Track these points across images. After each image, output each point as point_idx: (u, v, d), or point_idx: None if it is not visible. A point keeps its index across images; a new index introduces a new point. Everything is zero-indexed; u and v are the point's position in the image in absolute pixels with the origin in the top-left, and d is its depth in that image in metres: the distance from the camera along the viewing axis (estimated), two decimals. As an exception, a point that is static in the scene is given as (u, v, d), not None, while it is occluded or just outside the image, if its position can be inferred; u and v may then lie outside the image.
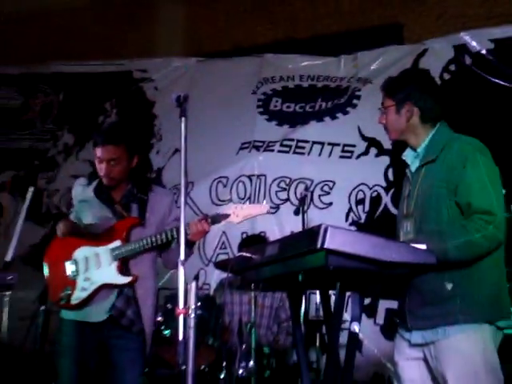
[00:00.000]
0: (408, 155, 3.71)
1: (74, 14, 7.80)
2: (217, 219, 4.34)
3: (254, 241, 5.67)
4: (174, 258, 4.22)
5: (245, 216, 4.35)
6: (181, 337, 3.66)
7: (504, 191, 3.82)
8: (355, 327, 3.20)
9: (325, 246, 2.78)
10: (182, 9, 7.61)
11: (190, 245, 4.35)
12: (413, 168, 3.66)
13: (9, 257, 4.50)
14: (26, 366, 4.92)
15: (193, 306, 3.49)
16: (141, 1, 7.70)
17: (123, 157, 4.40)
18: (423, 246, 3.10)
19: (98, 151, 4.38)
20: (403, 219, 3.62)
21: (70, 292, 4.40)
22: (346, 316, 3.77)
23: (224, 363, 5.09)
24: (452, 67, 6.02)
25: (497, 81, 5.80)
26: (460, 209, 3.39)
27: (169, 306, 5.02)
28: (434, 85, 3.82)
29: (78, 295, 4.41)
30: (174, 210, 4.61)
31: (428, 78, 3.84)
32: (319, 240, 2.81)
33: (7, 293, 4.55)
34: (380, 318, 5.70)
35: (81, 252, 4.44)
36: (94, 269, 4.44)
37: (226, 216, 4.27)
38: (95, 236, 4.44)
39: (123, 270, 4.45)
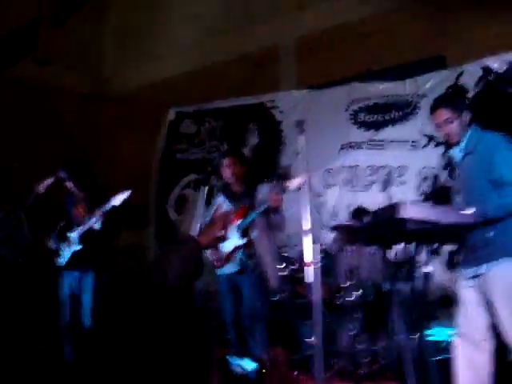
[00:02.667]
0: (454, 151, 3.69)
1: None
2: (282, 189, 4.59)
3: (359, 211, 5.69)
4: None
5: (296, 184, 4.46)
6: (309, 279, 3.79)
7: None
8: (426, 268, 3.24)
9: (403, 216, 2.84)
10: (296, 58, 7.63)
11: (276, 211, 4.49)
12: (457, 159, 3.64)
13: (194, 233, 4.67)
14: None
15: (316, 260, 3.61)
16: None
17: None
18: (470, 211, 3.11)
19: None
20: (457, 192, 3.62)
21: None
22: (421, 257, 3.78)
23: (339, 294, 5.16)
24: (481, 82, 5.90)
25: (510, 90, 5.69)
26: (494, 184, 3.37)
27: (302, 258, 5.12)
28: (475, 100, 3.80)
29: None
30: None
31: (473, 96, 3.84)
32: (398, 212, 2.87)
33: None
34: (444, 256, 5.65)
35: None
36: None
37: (286, 186, 4.54)
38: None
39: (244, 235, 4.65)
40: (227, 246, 4.76)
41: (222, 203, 4.91)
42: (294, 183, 4.46)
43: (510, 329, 3.30)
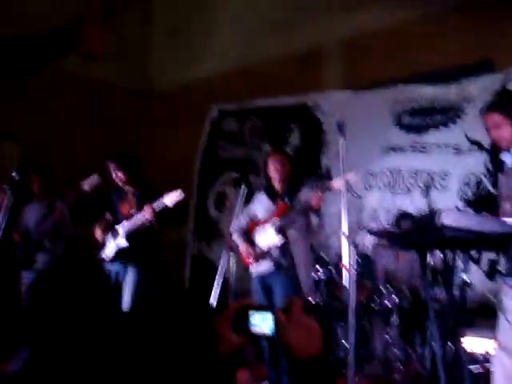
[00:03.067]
0: (506, 155, 3.61)
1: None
2: (324, 189, 4.52)
3: (402, 216, 5.64)
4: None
5: (339, 184, 4.41)
6: (345, 282, 3.77)
7: None
8: (464, 277, 3.18)
9: (442, 223, 2.80)
10: (340, 59, 7.59)
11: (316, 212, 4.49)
12: (509, 164, 3.57)
13: (233, 229, 4.71)
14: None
15: (354, 264, 3.59)
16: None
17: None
18: (512, 220, 3.05)
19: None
20: (502, 201, 3.55)
21: None
22: (460, 265, 3.72)
23: (375, 297, 5.12)
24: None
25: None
26: None
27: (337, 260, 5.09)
28: None
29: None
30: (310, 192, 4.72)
31: None
32: (438, 219, 2.83)
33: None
34: (484, 265, 5.54)
35: None
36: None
37: (329, 186, 4.49)
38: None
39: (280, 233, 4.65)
40: (262, 244, 4.75)
41: (263, 201, 4.90)
42: (338, 183, 4.41)
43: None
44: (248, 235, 4.83)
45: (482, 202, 5.65)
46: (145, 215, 5.14)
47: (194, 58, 8.74)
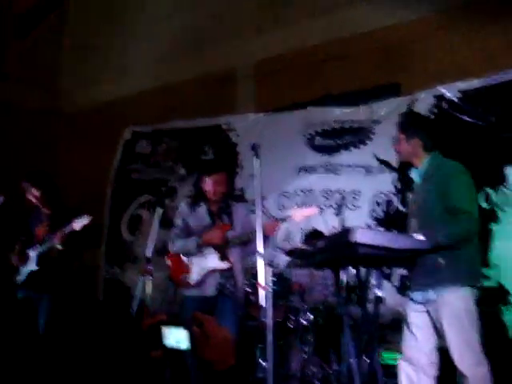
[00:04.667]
0: (413, 172, 3.78)
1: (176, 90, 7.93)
2: (284, 219, 4.48)
3: (314, 234, 5.73)
4: (254, 249, 4.43)
5: (302, 216, 4.48)
6: (262, 301, 3.80)
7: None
8: (378, 292, 3.29)
9: (355, 241, 2.88)
10: (254, 81, 7.70)
11: (266, 239, 4.48)
12: (416, 181, 3.73)
13: (149, 253, 4.63)
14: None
15: (270, 283, 3.63)
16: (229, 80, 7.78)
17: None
18: (421, 237, 3.17)
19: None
20: (411, 217, 3.69)
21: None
22: (373, 281, 3.83)
23: (291, 316, 5.17)
24: (434, 110, 6.05)
25: (464, 118, 5.84)
26: (447, 211, 3.45)
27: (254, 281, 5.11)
28: (430, 126, 3.94)
29: (192, 277, 4.61)
30: (249, 216, 4.77)
31: (427, 123, 4.00)
32: (351, 237, 2.91)
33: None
34: (395, 281, 5.74)
35: None
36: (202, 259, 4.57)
37: (287, 217, 4.52)
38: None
39: (223, 258, 4.61)
40: (202, 267, 4.69)
41: (203, 217, 4.84)
42: (297, 215, 4.51)
43: (460, 355, 3.37)
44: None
45: (392, 220, 5.84)
46: (54, 240, 5.06)
47: (107, 77, 8.66)
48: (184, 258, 4.70)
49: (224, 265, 4.63)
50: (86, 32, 8.98)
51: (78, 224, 5.03)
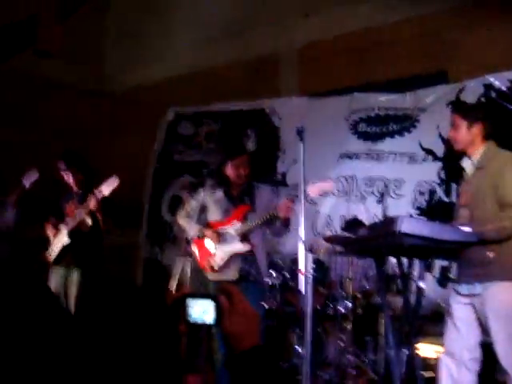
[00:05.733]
0: (465, 161, 3.66)
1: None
2: (296, 197, 4.32)
3: (353, 222, 5.66)
4: (277, 231, 4.40)
5: (318, 191, 4.34)
6: (302, 288, 3.75)
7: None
8: (421, 284, 3.21)
9: (400, 230, 2.81)
10: (297, 66, 7.62)
11: (285, 222, 4.42)
12: (469, 172, 3.62)
13: (189, 235, 4.63)
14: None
15: (310, 269, 3.58)
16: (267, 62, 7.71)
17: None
18: (468, 229, 3.09)
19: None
20: (460, 207, 3.59)
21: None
22: (415, 273, 3.76)
23: (330, 304, 5.13)
24: (482, 99, 5.90)
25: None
26: (499, 204, 3.36)
27: (294, 267, 5.07)
28: (492, 114, 3.80)
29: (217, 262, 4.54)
30: (274, 200, 4.68)
31: (491, 111, 3.86)
32: (396, 226, 2.84)
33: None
34: (436, 272, 5.64)
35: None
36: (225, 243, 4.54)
37: (306, 194, 4.22)
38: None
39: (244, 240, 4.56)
40: (224, 251, 4.64)
41: (222, 201, 4.79)
42: (313, 190, 4.34)
43: (504, 350, 3.28)
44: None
45: (435, 210, 5.73)
46: (88, 205, 5.12)
47: (150, 59, 8.66)
48: (208, 243, 4.65)
49: (245, 247, 4.56)
50: (129, 17, 8.97)
51: (107, 187, 5.09)
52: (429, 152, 6.02)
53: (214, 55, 8.04)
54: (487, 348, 3.48)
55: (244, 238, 4.57)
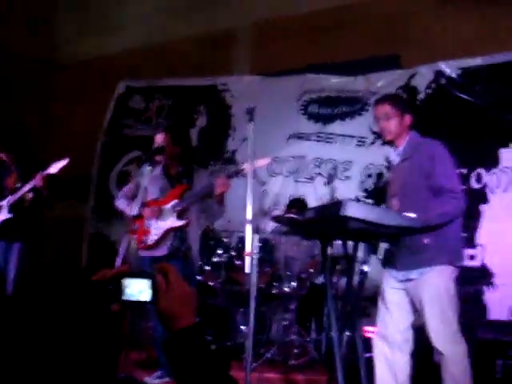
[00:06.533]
0: (392, 153, 3.69)
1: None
2: (237, 172, 4.32)
3: (296, 202, 5.68)
4: (212, 211, 4.38)
5: (255, 167, 4.31)
6: (247, 268, 3.73)
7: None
8: (364, 267, 3.23)
9: (345, 214, 2.80)
10: (252, 43, 7.54)
11: (220, 199, 4.39)
12: (395, 162, 3.64)
13: (134, 211, 4.55)
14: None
15: (255, 249, 3.56)
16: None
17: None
18: (412, 215, 3.11)
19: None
20: (390, 198, 3.63)
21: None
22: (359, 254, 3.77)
23: (275, 283, 5.13)
24: (433, 85, 5.96)
25: (462, 96, 5.75)
26: (432, 191, 3.39)
27: (240, 245, 5.06)
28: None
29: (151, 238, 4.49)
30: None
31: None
32: (342, 210, 2.83)
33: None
34: (380, 254, 5.70)
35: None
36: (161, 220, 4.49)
37: (239, 170, 4.27)
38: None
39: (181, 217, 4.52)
40: (159, 227, 4.59)
41: (159, 179, 4.72)
42: (247, 167, 4.30)
43: (438, 332, 3.34)
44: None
45: (382, 192, 5.77)
46: (35, 183, 5.02)
47: (102, 31, 8.44)
48: (146, 220, 4.60)
49: (180, 222, 4.52)
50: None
51: (55, 166, 5.00)
52: (378, 136, 6.06)
53: (168, 29, 7.88)
54: (423, 331, 3.53)
55: (181, 214, 4.52)
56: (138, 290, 1.37)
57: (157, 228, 4.55)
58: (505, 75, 5.62)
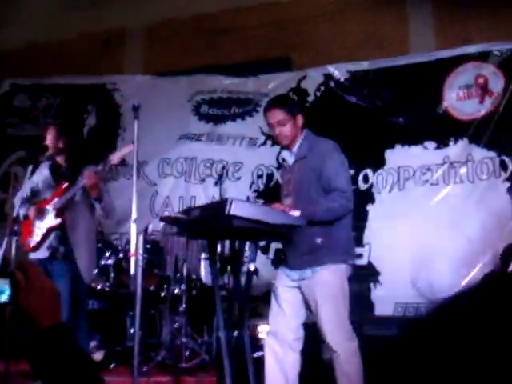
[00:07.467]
0: (285, 154, 3.69)
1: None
2: (105, 163, 4.22)
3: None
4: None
5: (119, 156, 4.24)
6: (132, 270, 3.63)
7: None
8: (251, 266, 3.20)
9: (230, 213, 2.77)
10: (144, 43, 7.41)
11: (95, 194, 4.23)
12: (290, 162, 3.63)
13: (15, 213, 4.33)
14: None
15: (141, 251, 3.46)
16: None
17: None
18: (297, 213, 3.11)
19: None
20: (284, 197, 3.62)
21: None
22: (247, 254, 3.74)
23: (165, 286, 5.04)
24: (322, 87, 6.07)
25: (350, 99, 5.91)
26: (323, 189, 3.41)
27: (127, 247, 4.91)
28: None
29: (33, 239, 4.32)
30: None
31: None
32: (227, 209, 2.80)
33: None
34: (271, 254, 5.75)
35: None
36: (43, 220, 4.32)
37: (107, 161, 4.18)
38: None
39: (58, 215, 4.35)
40: (40, 228, 4.38)
41: (46, 176, 4.51)
42: (115, 158, 4.19)
43: (331, 329, 3.36)
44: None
45: (272, 193, 5.82)
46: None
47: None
48: (32, 222, 4.40)
49: (55, 221, 4.34)
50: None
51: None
52: (268, 137, 6.09)
53: (60, 27, 7.61)
54: (314, 328, 3.55)
55: (59, 213, 4.33)
56: None
57: (39, 228, 4.35)
58: (390, 79, 5.81)
